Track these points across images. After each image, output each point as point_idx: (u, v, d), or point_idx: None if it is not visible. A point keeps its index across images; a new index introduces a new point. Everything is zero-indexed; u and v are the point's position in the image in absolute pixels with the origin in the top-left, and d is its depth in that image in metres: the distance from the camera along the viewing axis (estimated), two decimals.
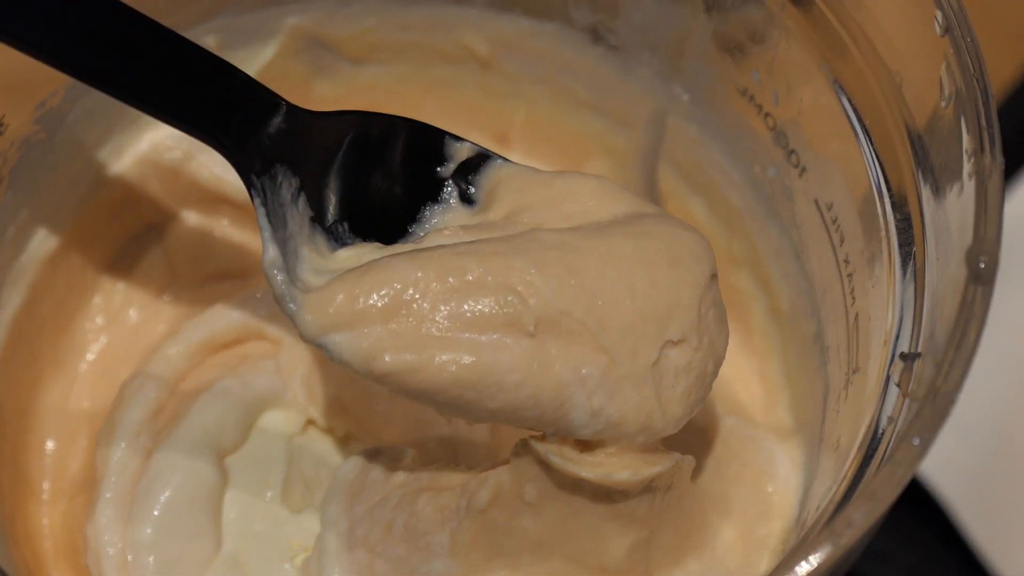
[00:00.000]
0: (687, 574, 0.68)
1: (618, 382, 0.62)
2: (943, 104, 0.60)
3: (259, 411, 0.76)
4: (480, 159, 0.69)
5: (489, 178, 0.69)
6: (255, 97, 0.66)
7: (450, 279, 0.61)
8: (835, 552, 0.52)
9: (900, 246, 0.63)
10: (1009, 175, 0.92)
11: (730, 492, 0.71)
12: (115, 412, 0.75)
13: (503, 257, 0.62)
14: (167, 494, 0.72)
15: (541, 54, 0.82)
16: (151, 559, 0.71)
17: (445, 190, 0.69)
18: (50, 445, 0.78)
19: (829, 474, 0.66)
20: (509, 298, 0.61)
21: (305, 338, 0.62)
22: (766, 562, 0.69)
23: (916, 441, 0.53)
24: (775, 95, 0.72)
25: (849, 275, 0.68)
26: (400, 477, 0.69)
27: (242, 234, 0.81)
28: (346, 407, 0.76)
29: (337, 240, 0.66)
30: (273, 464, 0.75)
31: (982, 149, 0.58)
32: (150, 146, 0.79)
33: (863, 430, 0.61)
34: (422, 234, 0.68)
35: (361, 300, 0.61)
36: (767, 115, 0.72)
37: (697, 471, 0.71)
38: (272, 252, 0.63)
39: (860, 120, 0.67)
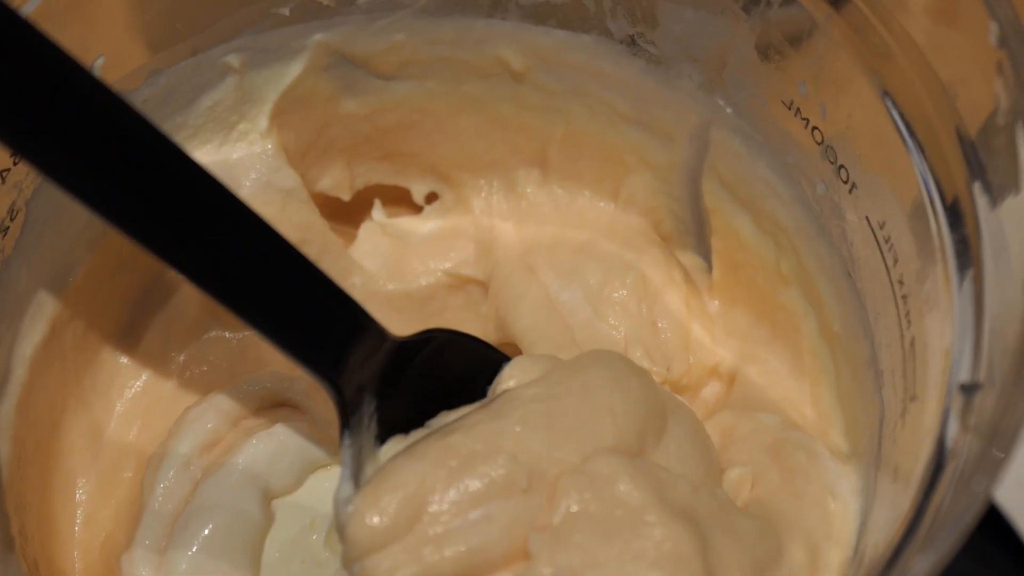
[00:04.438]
0: None
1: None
2: (999, 119, 0.58)
3: (316, 463, 0.76)
4: None
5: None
6: (361, 326, 0.69)
7: (451, 462, 0.64)
8: None
9: (958, 268, 0.61)
10: None
11: (800, 508, 0.70)
12: (170, 439, 0.75)
13: (487, 424, 0.66)
14: (207, 531, 0.71)
15: (578, 67, 0.80)
16: None
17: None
18: (83, 480, 0.76)
19: (887, 504, 0.64)
20: (500, 461, 0.64)
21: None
22: None
23: (980, 486, 0.51)
24: (822, 108, 0.69)
25: (904, 297, 0.66)
26: None
27: None
28: None
29: (380, 439, 0.69)
30: (322, 510, 0.75)
31: None
32: None
33: (923, 462, 0.59)
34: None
35: (377, 519, 0.63)
36: (814, 129, 0.70)
37: (765, 485, 0.72)
38: (348, 491, 0.65)
39: (912, 134, 0.65)
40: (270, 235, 0.65)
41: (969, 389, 0.57)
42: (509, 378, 0.71)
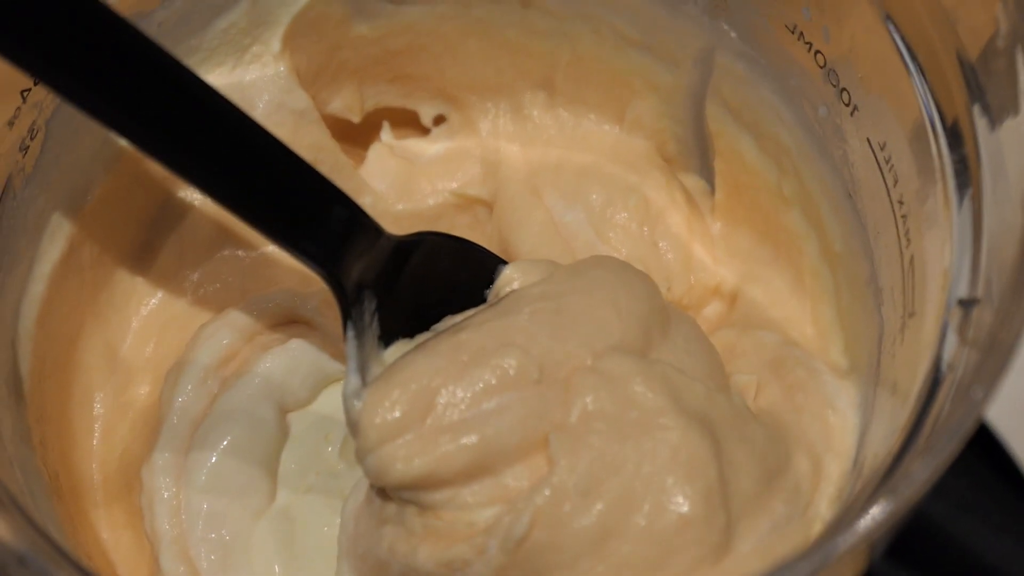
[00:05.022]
0: (774, 519, 0.67)
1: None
2: (999, 42, 0.59)
3: (329, 377, 0.77)
4: None
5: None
6: (358, 222, 0.70)
7: (462, 357, 0.66)
8: (896, 508, 0.51)
9: (957, 187, 0.62)
10: None
11: (801, 421, 0.71)
12: (186, 353, 0.76)
13: (496, 321, 0.68)
14: (225, 443, 0.73)
15: None
16: (204, 506, 0.72)
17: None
18: (100, 394, 0.78)
19: (886, 418, 0.65)
20: (511, 354, 0.66)
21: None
22: (824, 505, 0.69)
23: (977, 395, 0.52)
24: (825, 32, 0.70)
25: (903, 216, 0.67)
26: (391, 509, 0.68)
27: None
28: None
29: (385, 342, 0.70)
30: (336, 422, 0.75)
31: None
32: None
33: (921, 376, 0.60)
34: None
35: (390, 410, 0.65)
36: (817, 52, 0.71)
37: (767, 398, 0.73)
38: (355, 382, 0.67)
39: (913, 57, 0.65)
40: (265, 136, 0.66)
41: (967, 304, 0.59)
42: (511, 280, 0.72)
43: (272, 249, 0.81)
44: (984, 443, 0.91)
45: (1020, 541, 0.91)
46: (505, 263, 0.74)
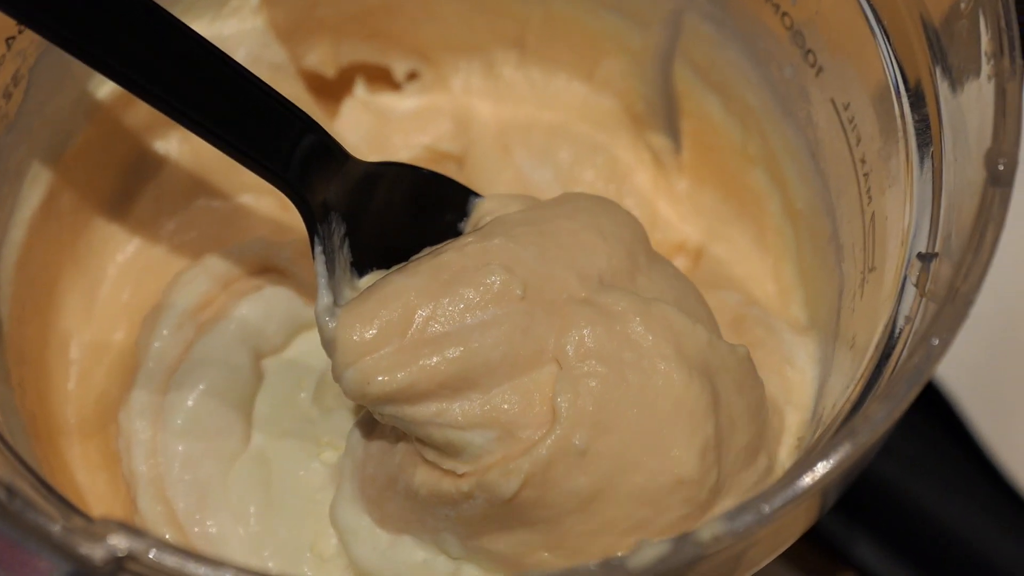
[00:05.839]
0: (759, 473, 0.67)
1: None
2: (962, 5, 0.60)
3: (303, 324, 0.77)
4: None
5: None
6: (322, 143, 0.69)
7: (443, 276, 0.65)
8: (853, 451, 0.53)
9: (918, 147, 0.64)
10: None
11: (764, 379, 0.71)
12: (163, 299, 0.76)
13: (478, 243, 0.67)
14: (201, 387, 0.73)
15: None
16: (180, 448, 0.72)
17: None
18: (77, 339, 0.79)
19: (845, 371, 0.67)
20: (495, 272, 0.65)
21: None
22: (783, 453, 0.70)
23: (935, 342, 0.53)
24: None
25: (865, 175, 0.68)
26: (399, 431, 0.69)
27: None
28: None
29: (359, 271, 0.70)
30: (309, 368, 0.76)
31: (1001, 51, 0.58)
32: None
33: (880, 329, 0.62)
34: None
35: (368, 325, 0.64)
36: (784, 14, 0.72)
37: None
38: (327, 298, 0.66)
39: (878, 19, 0.66)
40: (227, 61, 0.66)
41: (926, 258, 0.60)
42: (490, 212, 0.72)
43: (247, 199, 0.82)
44: (937, 406, 0.93)
45: (970, 502, 0.93)
46: (480, 196, 0.74)
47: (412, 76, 0.89)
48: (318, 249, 0.67)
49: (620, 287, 0.67)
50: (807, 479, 0.52)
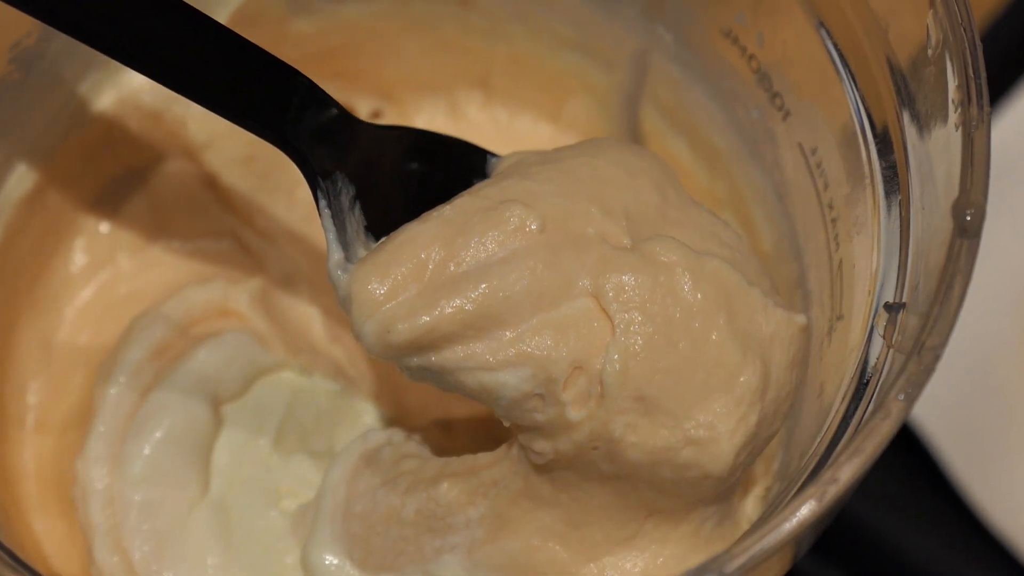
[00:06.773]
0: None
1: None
2: (930, 52, 0.60)
3: (264, 369, 0.76)
4: None
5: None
6: (320, 101, 0.67)
7: (458, 219, 0.63)
8: (820, 508, 0.52)
9: (885, 194, 0.63)
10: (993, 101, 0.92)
11: None
12: (119, 347, 0.75)
13: (495, 186, 0.65)
14: (159, 434, 0.72)
15: None
16: (137, 497, 0.71)
17: None
18: (34, 384, 0.78)
19: (812, 422, 0.66)
20: (510, 208, 0.62)
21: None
22: (750, 506, 0.70)
23: (901, 397, 0.53)
24: (760, 37, 0.71)
25: (833, 220, 0.68)
26: (411, 463, 0.69)
27: (246, 193, 0.81)
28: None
29: (375, 235, 0.67)
30: (270, 414, 0.75)
31: (969, 100, 0.57)
32: (129, 88, 0.79)
33: (847, 379, 0.61)
34: None
35: (386, 273, 0.62)
36: (751, 57, 0.72)
37: None
38: (338, 254, 0.64)
39: (845, 64, 0.66)
40: (216, 26, 0.64)
41: (893, 308, 0.60)
42: (508, 167, 0.69)
43: (206, 243, 0.81)
44: (911, 444, 0.93)
45: (944, 540, 0.93)
46: (497, 156, 0.71)
47: (376, 115, 0.88)
48: (323, 204, 0.65)
49: (661, 234, 0.64)
50: (774, 538, 0.52)
